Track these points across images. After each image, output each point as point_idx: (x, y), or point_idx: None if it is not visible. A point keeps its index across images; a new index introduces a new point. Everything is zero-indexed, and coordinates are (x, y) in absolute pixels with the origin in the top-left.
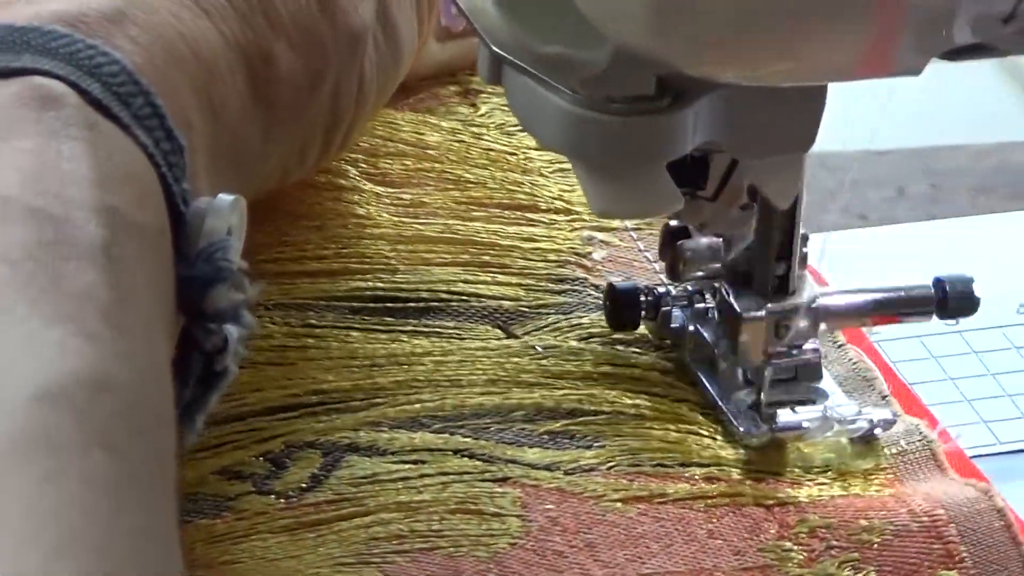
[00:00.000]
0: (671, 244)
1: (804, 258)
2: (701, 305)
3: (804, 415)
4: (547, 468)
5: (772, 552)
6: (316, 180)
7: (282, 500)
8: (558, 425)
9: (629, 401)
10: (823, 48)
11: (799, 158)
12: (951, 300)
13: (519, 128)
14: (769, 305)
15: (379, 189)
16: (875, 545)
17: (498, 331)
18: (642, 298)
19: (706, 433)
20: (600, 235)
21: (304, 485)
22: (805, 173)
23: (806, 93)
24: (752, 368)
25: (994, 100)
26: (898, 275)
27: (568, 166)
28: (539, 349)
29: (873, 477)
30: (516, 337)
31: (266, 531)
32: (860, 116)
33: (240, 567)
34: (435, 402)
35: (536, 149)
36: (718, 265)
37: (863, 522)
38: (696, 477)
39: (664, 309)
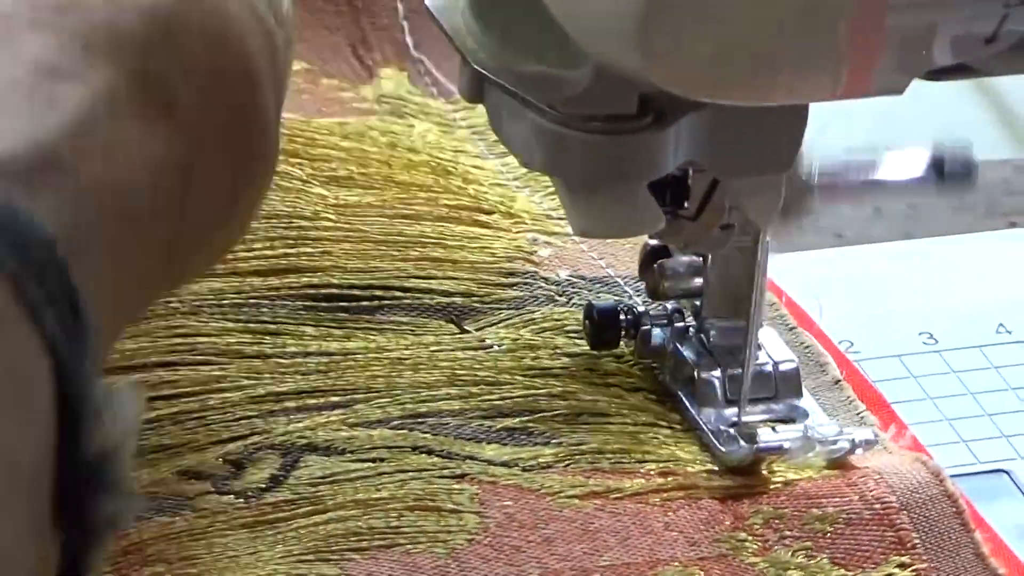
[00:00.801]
0: (651, 263)
1: None
2: (681, 324)
3: (785, 435)
4: (505, 464)
5: (727, 543)
6: None
7: (241, 500)
8: (516, 422)
9: (587, 397)
10: (805, 73)
11: (779, 177)
12: (952, 167)
13: (456, 147)
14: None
15: (323, 191)
16: (828, 534)
17: (452, 327)
18: (622, 317)
19: (664, 423)
20: (544, 237)
21: (263, 486)
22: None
23: (787, 113)
24: (732, 381)
25: (967, 118)
26: (875, 294)
27: (507, 178)
28: (496, 347)
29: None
30: (469, 332)
31: (225, 528)
32: (835, 136)
33: (198, 563)
34: (393, 399)
35: (476, 164)
36: (699, 283)
37: (816, 511)
38: (652, 472)
39: (644, 328)
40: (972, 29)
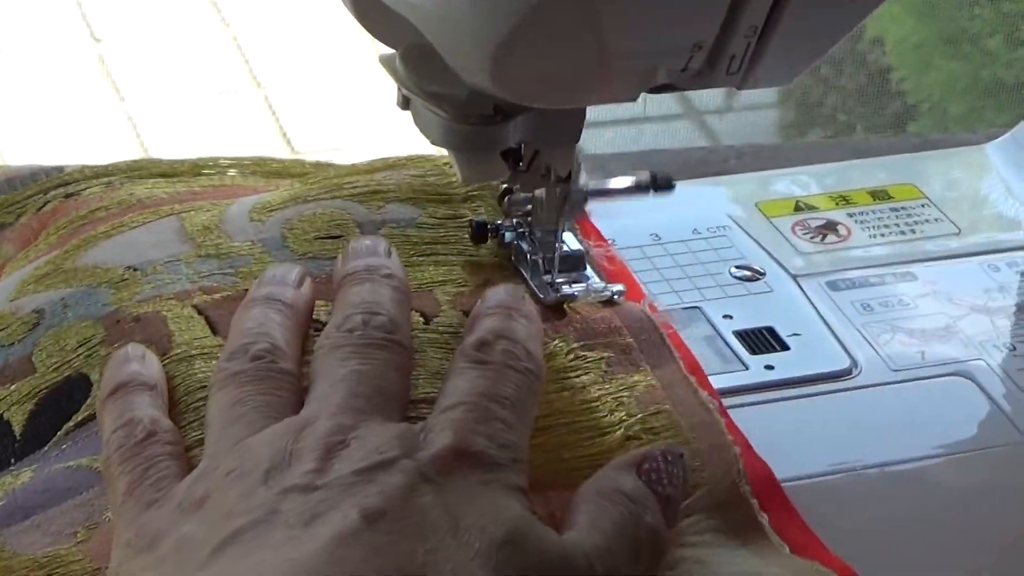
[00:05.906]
0: (504, 196)
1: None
2: (521, 230)
3: (576, 288)
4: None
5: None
6: None
7: None
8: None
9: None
10: (586, 93)
11: (572, 147)
12: (660, 181)
13: None
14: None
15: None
16: (586, 330)
17: None
18: (489, 226)
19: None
20: None
21: None
22: (578, 155)
23: (574, 112)
24: (548, 261)
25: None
26: (624, 213)
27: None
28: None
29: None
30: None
31: None
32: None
33: None
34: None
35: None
36: (529, 208)
37: (586, 325)
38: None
39: (502, 232)
40: (672, 64)
